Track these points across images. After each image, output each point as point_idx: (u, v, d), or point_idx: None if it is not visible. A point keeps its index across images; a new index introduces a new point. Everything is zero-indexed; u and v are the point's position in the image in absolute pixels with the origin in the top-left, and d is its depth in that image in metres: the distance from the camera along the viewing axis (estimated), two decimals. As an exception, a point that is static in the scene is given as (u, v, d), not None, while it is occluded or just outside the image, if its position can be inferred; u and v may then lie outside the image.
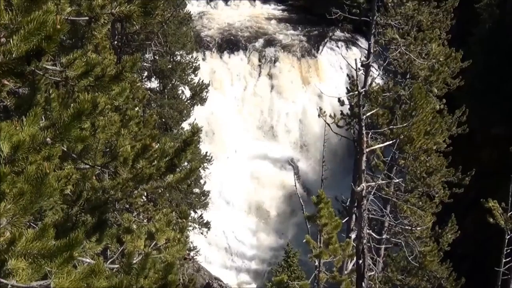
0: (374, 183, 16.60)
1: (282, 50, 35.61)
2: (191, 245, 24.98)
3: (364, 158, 14.75)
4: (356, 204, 17.30)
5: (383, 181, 18.72)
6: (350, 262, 16.88)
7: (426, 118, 19.28)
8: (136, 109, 14.69)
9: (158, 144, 8.21)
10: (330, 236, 13.49)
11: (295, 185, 20.54)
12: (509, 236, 16.50)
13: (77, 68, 6.09)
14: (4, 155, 4.93)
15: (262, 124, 35.07)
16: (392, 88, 20.89)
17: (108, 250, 10.76)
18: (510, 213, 16.48)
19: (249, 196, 33.56)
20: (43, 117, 6.39)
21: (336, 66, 36.03)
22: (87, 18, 6.30)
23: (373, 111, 18.18)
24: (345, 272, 16.85)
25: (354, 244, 15.01)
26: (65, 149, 7.41)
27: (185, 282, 21.97)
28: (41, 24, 4.81)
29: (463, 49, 22.37)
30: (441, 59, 20.97)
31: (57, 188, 5.07)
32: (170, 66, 24.43)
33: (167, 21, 23.37)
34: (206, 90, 26.06)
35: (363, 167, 15.24)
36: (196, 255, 26.28)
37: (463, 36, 27.74)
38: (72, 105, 5.57)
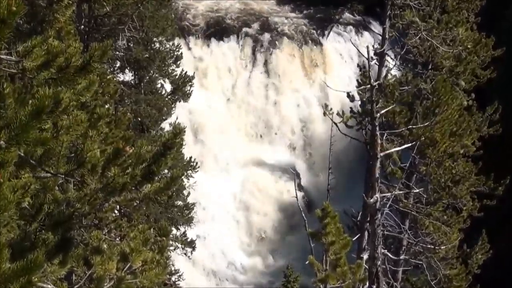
0: (390, 194, 16.62)
1: (281, 36, 35.65)
2: (173, 268, 24.91)
3: (378, 164, 14.77)
4: (368, 219, 17.31)
5: (401, 192, 18.74)
6: (362, 287, 16.88)
7: (451, 117, 19.30)
8: (106, 106, 14.65)
9: (133, 148, 8.19)
10: (338, 256, 13.49)
11: (296, 197, 20.48)
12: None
13: (36, 58, 6.08)
14: None
15: (256, 124, 35.09)
16: (411, 80, 20.91)
17: (74, 275, 10.74)
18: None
19: (242, 209, 33.55)
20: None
21: (345, 55, 36.09)
22: (48, -2, 6.30)
23: (388, 108, 18.21)
24: (356, 299, 16.85)
25: (367, 266, 15.02)
26: (21, 154, 7.39)
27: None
28: (-7, 6, 4.80)
29: (494, 34, 22.42)
30: (469, 46, 21.01)
31: (13, 201, 5.06)
32: (147, 55, 24.39)
33: (143, 1, 23.34)
34: (190, 83, 26.02)
35: (377, 175, 15.27)
36: (178, 280, 26.22)
37: (494, 19, 27.80)
38: (30, 101, 5.56)
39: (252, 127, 35.11)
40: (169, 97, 25.80)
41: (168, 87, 26.04)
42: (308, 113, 35.09)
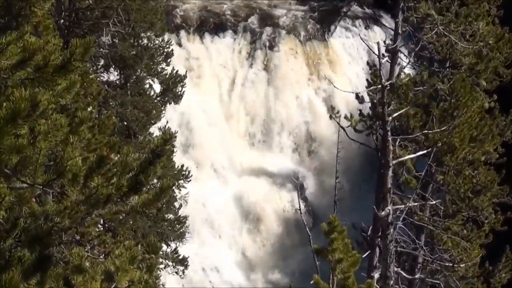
0: (403, 206, 16.63)
1: (282, 31, 35.68)
2: (163, 289, 24.88)
3: (390, 173, 14.78)
4: (380, 234, 17.31)
5: (416, 203, 18.74)
6: (373, 310, 16.86)
7: (471, 120, 19.32)
8: (89, 109, 14.66)
9: (119, 156, 8.19)
10: (346, 275, 13.47)
11: (299, 209, 20.46)
12: None
13: (11, 56, 6.09)
14: None
15: (255, 129, 35.10)
16: (426, 80, 20.92)
17: (53, 296, 10.73)
18: None
19: (239, 223, 33.52)
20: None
21: (353, 51, 36.12)
22: (24, -11, 6.31)
23: (401, 111, 18.22)
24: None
25: (378, 286, 15.02)
26: (-5, 163, 7.39)
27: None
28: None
29: (519, 28, 22.44)
30: (490, 42, 21.03)
31: (-15, 215, 5.06)
32: (134, 52, 24.39)
33: (129, -7, 23.38)
34: (181, 84, 26.04)
35: (389, 185, 15.27)
36: (169, 301, 26.21)
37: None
38: (4, 104, 5.56)
39: (250, 131, 35.09)
40: (158, 98, 25.80)
41: (157, 87, 26.03)
42: (313, 117, 35.08)
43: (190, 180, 26.24)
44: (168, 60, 25.95)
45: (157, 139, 8.23)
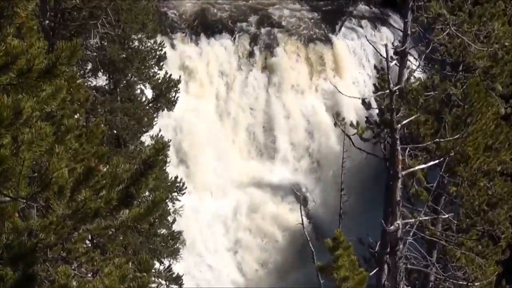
0: (414, 220, 16.62)
1: (283, 33, 35.72)
2: (155, 309, 24.85)
3: (399, 185, 14.77)
4: (388, 250, 17.29)
5: (427, 217, 18.73)
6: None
7: (486, 127, 19.33)
8: (76, 116, 14.67)
9: (108, 167, 8.19)
10: (352, 295, 13.47)
11: (302, 223, 20.41)
12: None
13: (-8, 60, 6.09)
14: None
15: (254, 137, 35.11)
16: (438, 84, 20.94)
17: (37, 318, 10.71)
18: None
19: (237, 238, 33.51)
20: None
21: (359, 54, 36.16)
22: (6, -12, 6.32)
23: (411, 118, 18.23)
24: None
25: (387, 307, 15.01)
26: (-25, 175, 7.39)
27: None
28: None
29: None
30: (506, 43, 21.05)
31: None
32: (124, 56, 24.43)
33: (119, -9, 23.41)
34: (175, 89, 26.06)
35: (398, 197, 15.26)
36: (163, 323, 26.17)
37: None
38: (-15, 112, 5.57)
39: (249, 140, 35.11)
40: (150, 105, 25.81)
41: (149, 93, 26.05)
42: (316, 124, 35.10)
43: (185, 193, 26.23)
44: (161, 64, 25.98)
45: (149, 149, 8.23)
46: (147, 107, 25.61)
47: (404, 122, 16.91)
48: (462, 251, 19.96)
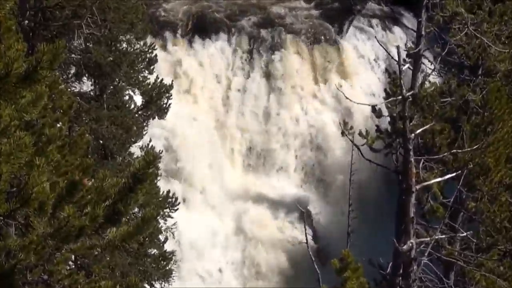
0: (429, 239, 16.61)
1: (285, 33, 35.77)
2: (145, 337, 24.84)
3: (413, 200, 14.78)
4: (401, 272, 17.28)
5: (443, 235, 18.72)
6: None
7: (508, 137, 19.34)
8: (58, 125, 14.66)
9: (93, 181, 8.20)
10: (361, 321, 13.48)
11: (306, 242, 20.39)
12: None
13: (-34, 64, 6.10)
14: None
15: (254, 147, 35.14)
16: (455, 90, 20.98)
17: None
18: None
19: (235, 259, 33.51)
20: None
21: (369, 56, 36.21)
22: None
23: (426, 127, 18.25)
24: None
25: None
26: None
27: None
28: None
29: None
30: (530, 45, 21.12)
31: None
32: (111, 59, 24.45)
33: (106, -12, 23.46)
34: (167, 95, 26.08)
35: (412, 214, 15.24)
36: None
37: None
38: (-41, 121, 5.58)
39: (248, 149, 35.13)
40: (140, 112, 25.84)
41: (138, 99, 26.07)
42: (321, 133, 35.13)
43: (178, 209, 26.24)
44: (151, 68, 25.98)
45: (139, 161, 8.25)
46: (136, 115, 25.63)
47: (418, 131, 16.90)
48: (482, 273, 19.92)
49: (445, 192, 20.65)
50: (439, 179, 18.26)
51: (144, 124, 25.81)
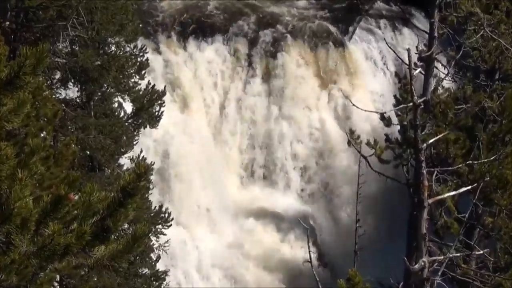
0: (442, 257, 16.59)
1: (287, 35, 35.81)
2: None
3: (425, 215, 14.77)
4: (413, 292, 17.27)
5: (458, 254, 18.71)
6: None
7: (528, 147, 19.36)
8: (42, 135, 14.67)
9: (80, 195, 8.19)
10: None
11: (310, 260, 20.39)
12: None
13: None
14: None
15: (253, 158, 35.15)
16: (470, 96, 20.99)
17: None
18: None
19: (233, 278, 33.50)
20: None
21: (377, 60, 36.24)
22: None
23: (439, 136, 18.25)
24: None
25: None
26: None
27: None
28: None
29: None
30: (551, 47, 21.15)
31: None
32: (98, 63, 24.47)
33: (93, -13, 23.49)
34: (159, 102, 26.09)
35: (424, 230, 15.23)
36: None
37: None
38: None
39: (247, 161, 35.15)
40: (130, 121, 25.83)
41: (128, 107, 26.07)
42: (326, 143, 35.15)
43: (171, 225, 26.24)
44: (143, 72, 25.99)
45: (129, 174, 8.24)
46: (126, 124, 25.63)
47: (431, 141, 16.91)
48: (500, 293, 19.94)
49: (460, 206, 20.66)
50: (453, 193, 18.24)
51: (135, 133, 25.80)
